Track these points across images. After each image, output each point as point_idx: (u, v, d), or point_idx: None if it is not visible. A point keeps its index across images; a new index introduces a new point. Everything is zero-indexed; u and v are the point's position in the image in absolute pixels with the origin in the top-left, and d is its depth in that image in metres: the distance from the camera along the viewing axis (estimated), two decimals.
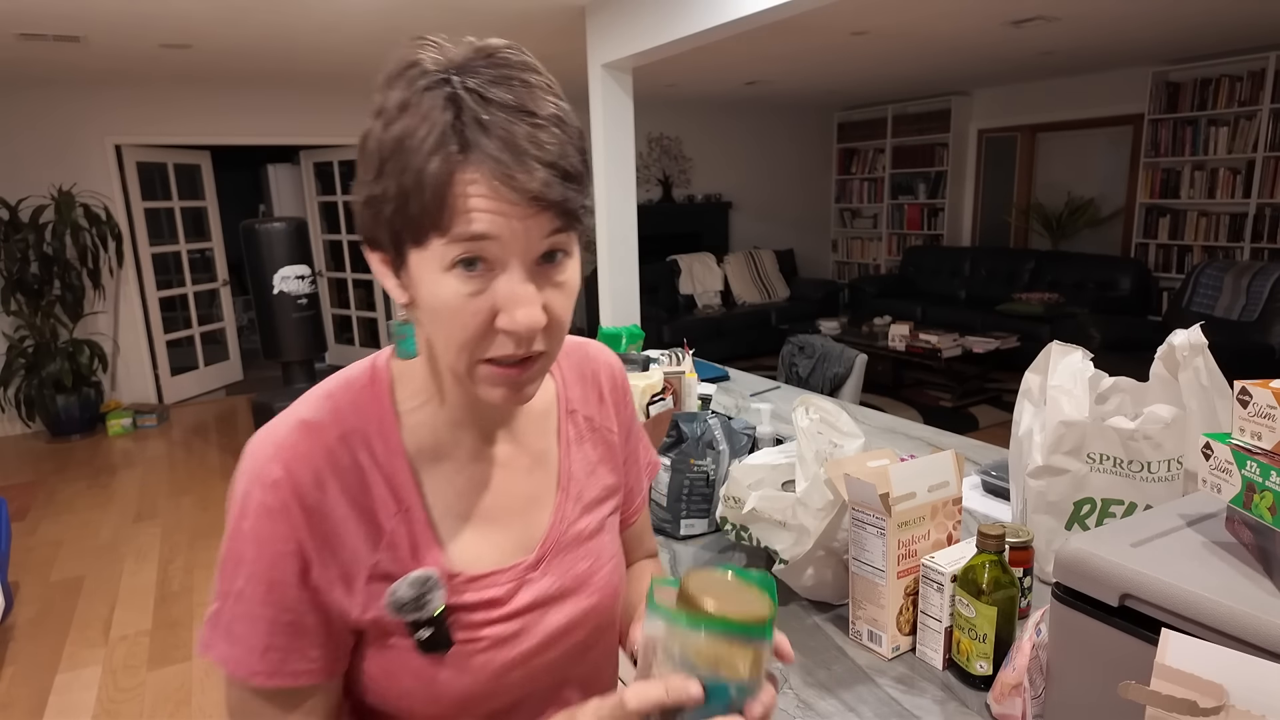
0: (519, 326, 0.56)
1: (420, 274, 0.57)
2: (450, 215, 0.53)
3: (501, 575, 0.68)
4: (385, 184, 0.54)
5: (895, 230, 7.98)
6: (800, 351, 3.01)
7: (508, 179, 0.52)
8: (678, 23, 3.18)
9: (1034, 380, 1.16)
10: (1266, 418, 0.62)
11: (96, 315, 5.39)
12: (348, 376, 0.67)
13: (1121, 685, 0.50)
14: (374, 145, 0.55)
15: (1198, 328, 1.05)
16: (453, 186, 0.53)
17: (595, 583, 0.74)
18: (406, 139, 0.53)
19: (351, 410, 0.65)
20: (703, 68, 5.40)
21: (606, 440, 0.80)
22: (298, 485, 0.60)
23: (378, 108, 0.55)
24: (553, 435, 0.76)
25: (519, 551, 0.70)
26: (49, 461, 4.72)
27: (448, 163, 0.52)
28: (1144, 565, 0.64)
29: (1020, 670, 0.82)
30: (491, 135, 0.53)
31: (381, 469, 0.64)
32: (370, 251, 0.61)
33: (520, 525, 0.71)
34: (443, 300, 0.56)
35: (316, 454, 0.61)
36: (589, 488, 0.77)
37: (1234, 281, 5.03)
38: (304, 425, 0.63)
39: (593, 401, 0.80)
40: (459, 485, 0.68)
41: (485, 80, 0.54)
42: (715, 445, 1.39)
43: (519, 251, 0.55)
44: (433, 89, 0.54)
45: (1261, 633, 0.56)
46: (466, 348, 0.58)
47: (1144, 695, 0.50)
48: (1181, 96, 5.70)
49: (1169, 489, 1.03)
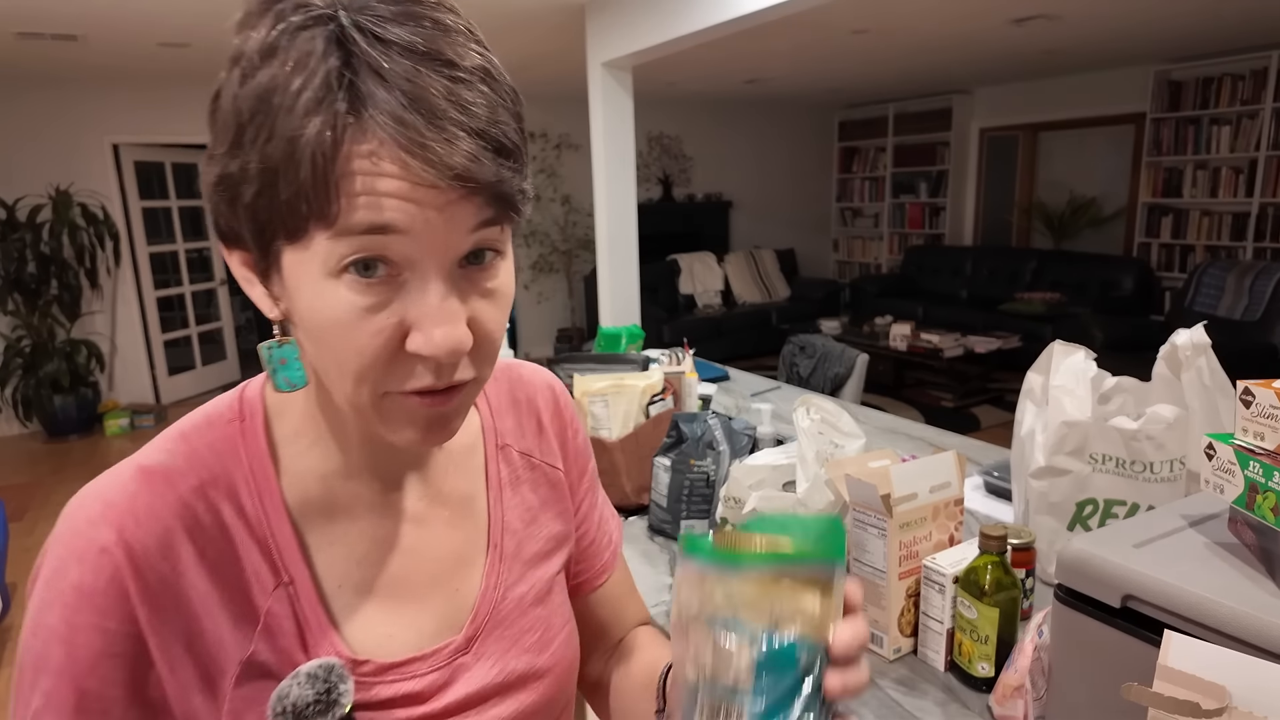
0: (438, 350, 0.42)
1: (298, 280, 0.42)
2: (337, 200, 0.39)
3: (421, 663, 0.53)
4: (245, 157, 0.40)
5: (896, 229, 7.98)
6: (801, 351, 3.00)
7: (419, 149, 0.38)
8: (678, 21, 3.18)
9: (1036, 380, 1.15)
10: (1269, 418, 0.61)
11: (94, 315, 5.39)
12: (209, 412, 0.52)
13: (1124, 687, 0.49)
14: (228, 105, 0.41)
15: (1200, 327, 1.04)
16: (340, 160, 0.38)
17: (546, 661, 0.60)
18: (273, 94, 0.39)
19: (213, 454, 0.50)
20: (703, 66, 5.39)
21: (550, 479, 0.65)
22: (135, 554, 0.44)
23: (234, 54, 0.41)
24: (479, 477, 0.61)
25: (443, 630, 0.56)
26: (46, 462, 4.71)
27: (332, 126, 0.38)
28: (1146, 566, 0.64)
29: (1022, 672, 0.82)
30: (393, 89, 0.38)
31: (254, 530, 0.49)
32: (229, 250, 0.46)
33: (442, 597, 0.56)
34: (330, 316, 0.42)
35: (164, 510, 0.46)
36: (529, 540, 0.62)
37: (1237, 281, 5.02)
38: (146, 473, 0.47)
39: (529, 433, 0.65)
40: (359, 549, 0.53)
41: (381, 17, 0.40)
42: (715, 446, 1.38)
43: (436, 250, 0.41)
44: (309, 27, 0.39)
45: (1264, 634, 0.56)
46: (365, 378, 0.43)
47: (1146, 697, 0.49)
48: (1184, 95, 5.69)
49: (1171, 489, 1.02)
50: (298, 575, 0.50)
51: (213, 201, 0.44)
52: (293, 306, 0.44)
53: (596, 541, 0.71)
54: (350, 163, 0.38)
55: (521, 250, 6.85)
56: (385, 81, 0.38)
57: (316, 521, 0.52)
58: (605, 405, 1.52)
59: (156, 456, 0.48)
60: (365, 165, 0.39)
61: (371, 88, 0.38)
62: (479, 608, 0.57)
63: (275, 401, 0.53)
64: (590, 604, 0.72)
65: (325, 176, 0.38)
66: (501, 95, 0.42)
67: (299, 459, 0.52)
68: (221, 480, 0.49)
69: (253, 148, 0.39)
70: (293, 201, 0.39)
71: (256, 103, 0.39)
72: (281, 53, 0.39)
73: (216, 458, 0.49)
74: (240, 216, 0.42)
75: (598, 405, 1.53)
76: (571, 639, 0.64)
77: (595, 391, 1.53)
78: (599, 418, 1.53)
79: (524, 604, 0.60)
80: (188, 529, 0.47)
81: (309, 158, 0.38)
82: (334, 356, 0.43)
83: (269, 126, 0.39)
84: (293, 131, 0.38)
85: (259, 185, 0.40)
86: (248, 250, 0.45)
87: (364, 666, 0.51)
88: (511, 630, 0.58)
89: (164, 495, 0.47)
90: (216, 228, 0.45)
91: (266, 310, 0.46)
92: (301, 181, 0.39)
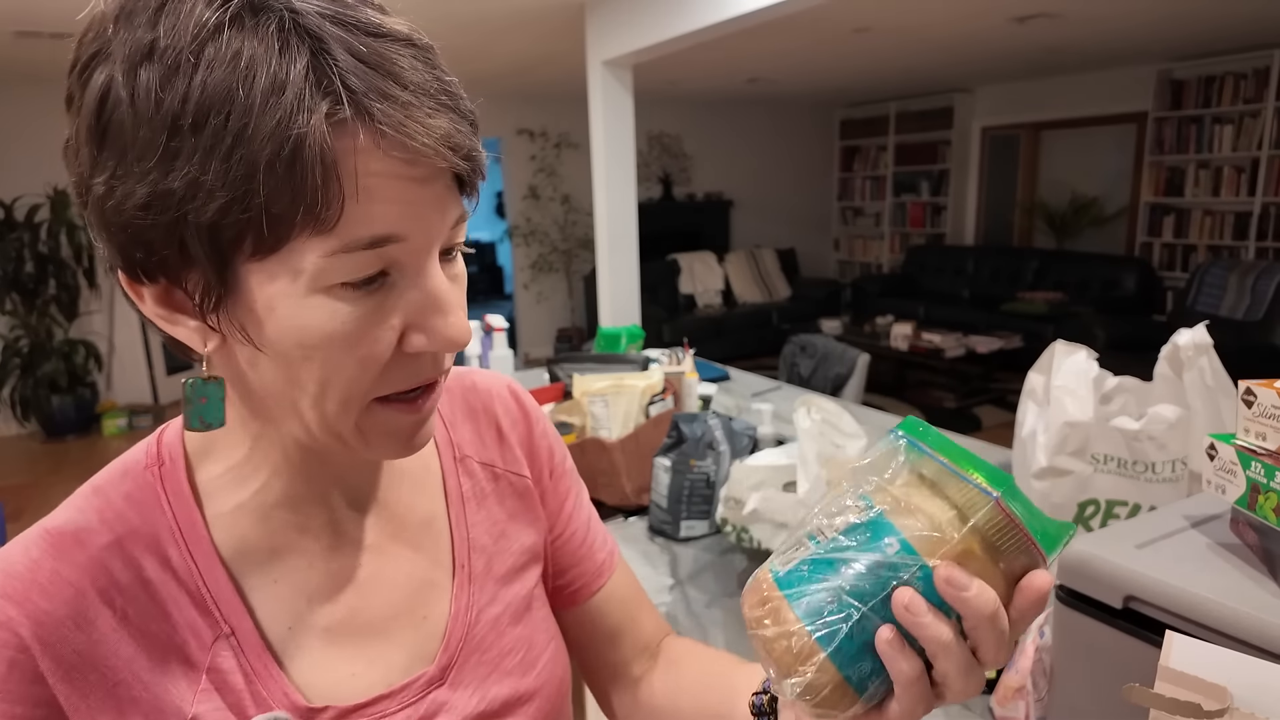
0: (455, 340, 0.41)
1: (269, 299, 0.38)
2: (338, 200, 0.36)
3: (390, 701, 0.49)
4: (194, 168, 0.35)
5: (898, 229, 7.97)
6: (802, 351, 3.00)
7: (404, 139, 0.36)
8: (679, 19, 3.18)
9: (1038, 380, 1.15)
10: (1271, 418, 0.61)
11: (92, 315, 5.39)
12: (125, 461, 0.48)
13: (1125, 688, 0.49)
14: (146, 111, 0.35)
15: (1202, 327, 1.04)
16: (339, 155, 0.35)
17: (531, 683, 0.55)
18: (234, 91, 0.34)
19: (130, 506, 0.45)
20: (704, 65, 5.39)
21: (517, 489, 0.61)
22: (44, 628, 0.41)
23: (138, 51, 0.35)
24: (438, 495, 0.57)
25: (414, 663, 0.51)
26: (44, 462, 4.72)
27: (328, 124, 0.35)
28: (1148, 567, 0.64)
29: (1023, 673, 0.81)
30: (367, 73, 0.36)
31: (183, 582, 0.45)
32: (144, 284, 0.40)
33: (409, 626, 0.52)
34: (322, 332, 0.39)
35: (73, 575, 0.42)
36: (500, 556, 0.58)
37: (1239, 281, 5.01)
38: (52, 537, 0.43)
39: (490, 442, 0.61)
40: (309, 585, 0.49)
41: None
42: (716, 446, 1.38)
43: (430, 244, 0.40)
44: (253, 12, 0.35)
45: (1266, 635, 0.56)
46: (357, 392, 0.41)
47: (1148, 698, 0.49)
48: (1186, 94, 5.68)
49: (1173, 490, 1.02)
50: (238, 623, 0.46)
51: (132, 229, 0.37)
52: (262, 331, 0.39)
53: (587, 540, 0.66)
54: (349, 159, 0.36)
55: (521, 250, 6.85)
56: (363, 70, 0.36)
57: (256, 562, 0.48)
58: (605, 405, 1.52)
59: (66, 515, 0.45)
60: (365, 166, 0.36)
61: (355, 80, 0.36)
62: (450, 633, 0.53)
63: (197, 442, 0.48)
64: (594, 610, 0.65)
65: (326, 179, 0.35)
66: (436, 61, 0.40)
67: (229, 498, 0.48)
68: (141, 533, 0.45)
69: (211, 155, 0.35)
70: (278, 209, 0.35)
71: (208, 103, 0.34)
72: (229, 44, 0.35)
73: (135, 509, 0.46)
74: (190, 238, 0.36)
75: (598, 405, 1.52)
76: (559, 655, 0.60)
77: (595, 391, 1.52)
78: (599, 418, 1.53)
79: (500, 625, 0.56)
80: (102, 591, 0.43)
81: (303, 157, 0.35)
82: (321, 375, 0.40)
83: (238, 127, 0.34)
84: (279, 131, 0.34)
85: (227, 197, 0.35)
86: (181, 279, 0.39)
87: (323, 714, 0.47)
88: (490, 654, 0.54)
89: (73, 558, 0.43)
90: (127, 260, 0.39)
91: (197, 345, 0.42)
92: (295, 184, 0.35)
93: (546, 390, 1.77)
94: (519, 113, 6.63)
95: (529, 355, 6.93)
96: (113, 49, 0.36)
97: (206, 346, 0.42)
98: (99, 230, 0.39)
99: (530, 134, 6.69)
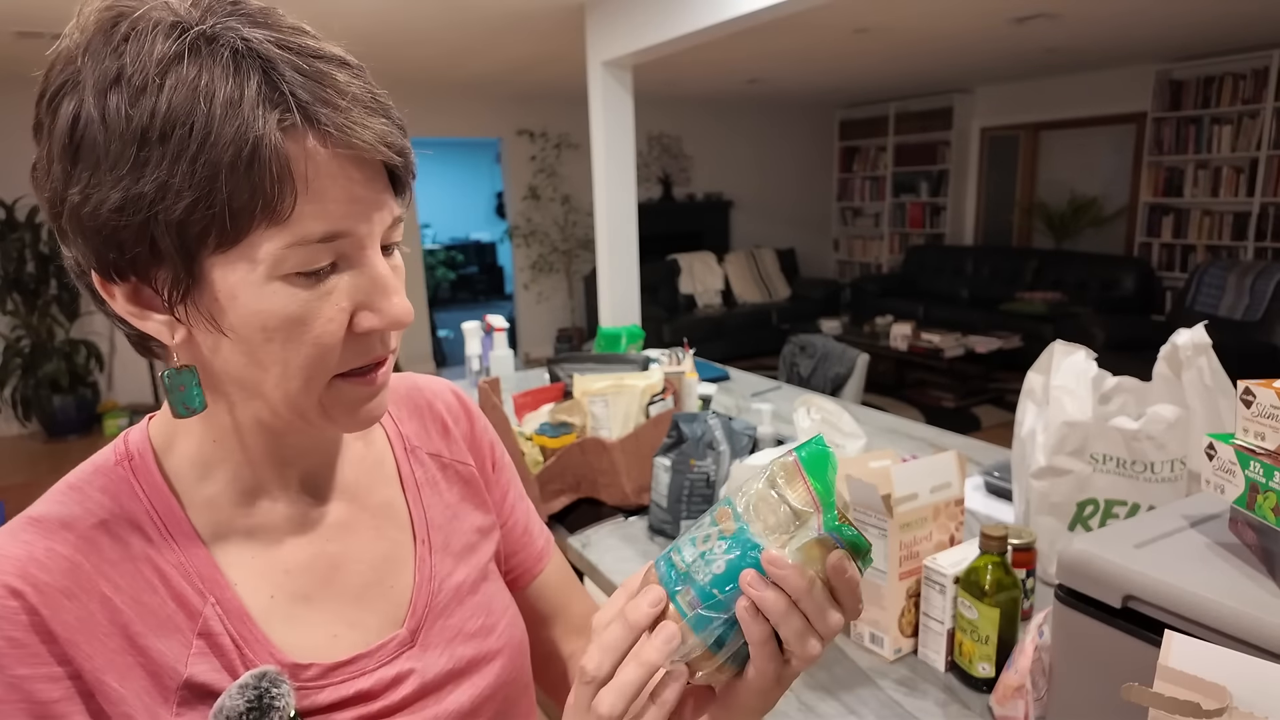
0: (397, 318, 0.47)
1: (232, 289, 0.43)
2: (291, 194, 0.41)
3: (369, 659, 0.54)
4: (163, 173, 0.40)
5: (897, 229, 7.97)
6: (801, 351, 3.00)
7: (347, 138, 0.42)
8: (678, 20, 3.18)
9: (1037, 380, 1.15)
10: (1270, 418, 0.61)
11: (93, 315, 5.38)
12: (95, 461, 0.52)
13: (1124, 687, 0.49)
14: (118, 127, 0.40)
15: (1201, 327, 1.04)
16: (294, 161, 0.41)
17: (494, 644, 0.61)
18: (195, 105, 0.39)
19: (108, 497, 0.49)
20: (703, 65, 5.39)
21: (463, 476, 0.67)
22: (48, 594, 0.44)
23: (105, 79, 0.40)
24: (394, 483, 0.63)
25: (386, 627, 0.57)
26: (45, 462, 4.71)
27: (280, 129, 0.41)
28: (1147, 567, 0.64)
29: (1022, 672, 0.81)
30: (313, 91, 0.42)
31: (169, 559, 0.49)
32: (115, 283, 0.44)
33: (379, 594, 0.57)
34: (281, 315, 0.44)
35: (68, 551, 0.46)
36: (455, 534, 0.64)
37: (1238, 281, 5.02)
38: (39, 522, 0.47)
39: (435, 435, 0.68)
40: (287, 561, 0.54)
41: (248, 23, 0.42)
42: (715, 446, 1.38)
43: (375, 235, 0.47)
44: (211, 41, 0.41)
45: (1265, 634, 0.56)
46: (319, 368, 0.46)
47: (1147, 697, 0.49)
48: (1185, 94, 5.68)
49: (1172, 490, 1.02)
50: (222, 594, 0.50)
51: (107, 231, 0.42)
52: (225, 318, 0.44)
53: (528, 529, 0.73)
54: (303, 164, 0.42)
55: (522, 250, 6.85)
56: (307, 84, 0.42)
57: (235, 542, 0.52)
58: (605, 405, 1.52)
59: (46, 507, 0.48)
60: (315, 169, 0.42)
61: (302, 91, 0.41)
62: (416, 600, 0.58)
63: (162, 438, 0.52)
64: (533, 594, 0.73)
65: (278, 173, 0.41)
66: (364, 73, 0.46)
67: (202, 488, 0.52)
68: (123, 517, 0.49)
69: (179, 160, 0.40)
70: (239, 204, 0.41)
71: (174, 116, 0.39)
72: (189, 69, 0.40)
73: (113, 499, 0.49)
74: (160, 235, 0.41)
75: (598, 405, 1.53)
76: (516, 621, 0.66)
77: (595, 391, 1.52)
78: (599, 417, 1.53)
79: (461, 593, 0.61)
80: (95, 565, 0.46)
81: (261, 157, 0.40)
82: (282, 355, 0.45)
83: (202, 135, 0.39)
84: (236, 135, 0.40)
85: (194, 196, 0.40)
86: (151, 275, 0.43)
87: (308, 670, 0.52)
88: (453, 619, 0.60)
89: (64, 537, 0.46)
90: (101, 261, 0.43)
91: (165, 338, 0.46)
92: (254, 182, 0.40)
93: (546, 390, 1.77)
94: (519, 113, 6.62)
95: (529, 355, 6.93)
96: (82, 78, 0.41)
97: (174, 338, 0.46)
98: (74, 236, 0.43)
99: (530, 134, 6.69)
